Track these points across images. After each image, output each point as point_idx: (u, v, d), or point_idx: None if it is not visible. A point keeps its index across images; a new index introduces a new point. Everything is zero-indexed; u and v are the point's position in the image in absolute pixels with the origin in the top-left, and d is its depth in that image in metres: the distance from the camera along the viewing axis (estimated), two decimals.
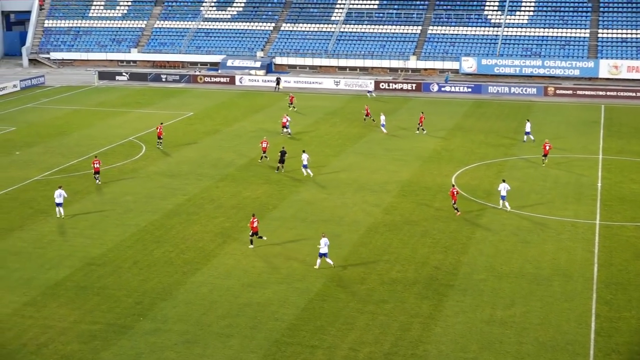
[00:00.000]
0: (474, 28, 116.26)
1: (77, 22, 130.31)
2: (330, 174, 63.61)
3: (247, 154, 69.71)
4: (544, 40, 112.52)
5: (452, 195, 53.83)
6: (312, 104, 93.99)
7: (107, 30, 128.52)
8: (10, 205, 56.44)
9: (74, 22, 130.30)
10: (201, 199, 57.68)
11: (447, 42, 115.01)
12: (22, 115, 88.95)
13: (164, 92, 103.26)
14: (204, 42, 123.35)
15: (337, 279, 43.20)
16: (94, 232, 51.01)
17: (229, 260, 46.03)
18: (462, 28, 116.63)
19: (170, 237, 49.97)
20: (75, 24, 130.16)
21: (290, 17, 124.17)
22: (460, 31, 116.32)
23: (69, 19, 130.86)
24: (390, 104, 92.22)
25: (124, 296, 41.41)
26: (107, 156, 69.64)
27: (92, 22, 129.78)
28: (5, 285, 42.88)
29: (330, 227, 51.27)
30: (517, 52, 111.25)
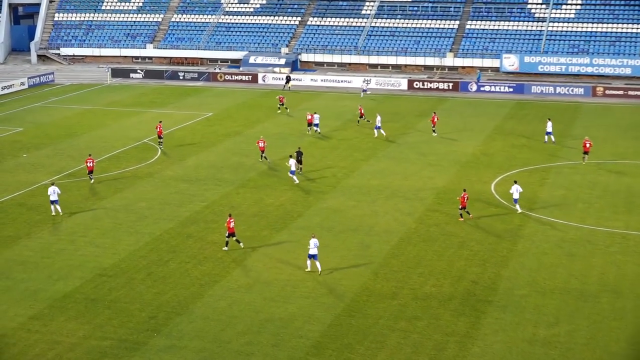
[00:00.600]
0: (517, 23, 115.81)
1: (89, 15, 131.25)
2: (360, 180, 63.57)
3: (270, 157, 69.73)
4: (592, 36, 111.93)
5: (462, 200, 54.16)
6: (340, 104, 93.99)
7: (121, 25, 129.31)
8: (17, 211, 56.86)
9: (86, 16, 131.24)
10: (220, 206, 57.83)
11: (486, 38, 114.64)
12: (29, 115, 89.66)
13: (181, 91, 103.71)
14: (225, 37, 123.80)
15: (366, 294, 43.14)
16: (105, 240, 51.28)
17: (250, 272, 46.09)
18: (504, 23, 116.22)
19: (187, 247, 50.13)
20: (87, 17, 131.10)
21: (317, 11, 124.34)
22: (501, 26, 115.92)
23: (80, 12, 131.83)
24: (425, 105, 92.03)
25: (137, 310, 41.57)
26: (120, 159, 70.04)
27: (105, 16, 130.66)
28: (11, 298, 43.19)
29: (359, 237, 51.25)
30: (563, 49, 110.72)
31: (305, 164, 67.13)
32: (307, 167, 66.50)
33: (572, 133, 78.21)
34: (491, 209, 56.44)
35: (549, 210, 56.10)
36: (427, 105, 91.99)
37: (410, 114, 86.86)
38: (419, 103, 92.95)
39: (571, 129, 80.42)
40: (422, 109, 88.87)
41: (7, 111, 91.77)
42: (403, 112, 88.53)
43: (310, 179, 63.83)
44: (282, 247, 49.63)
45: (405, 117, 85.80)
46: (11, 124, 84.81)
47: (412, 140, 76.01)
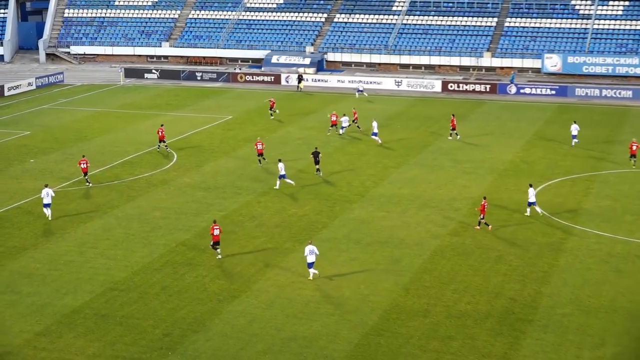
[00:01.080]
0: (559, 20, 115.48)
1: (101, 11, 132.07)
2: (390, 189, 63.50)
3: (293, 164, 69.82)
4: None
5: (482, 209, 54.34)
6: (369, 107, 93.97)
7: (135, 21, 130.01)
8: (23, 220, 57.15)
9: (98, 12, 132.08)
10: (240, 215, 57.93)
11: (527, 37, 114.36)
12: (37, 117, 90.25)
13: (198, 93, 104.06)
14: (246, 35, 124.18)
15: (396, 311, 43.05)
16: (117, 252, 51.47)
17: (272, 288, 46.12)
18: (545, 20, 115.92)
19: (204, 259, 50.22)
20: (99, 13, 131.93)
21: (345, 7, 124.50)
22: (542, 24, 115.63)
23: (92, 8, 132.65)
24: (460, 108, 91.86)
25: (151, 327, 41.67)
26: (134, 165, 70.34)
27: (118, 12, 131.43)
28: (16, 312, 43.41)
29: (389, 250, 51.18)
30: (609, 49, 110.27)
31: (331, 171, 67.17)
32: (333, 175, 66.54)
33: (619, 139, 77.80)
34: (531, 220, 56.18)
35: (594, 222, 55.81)
36: (462, 109, 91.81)
37: (444, 118, 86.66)
38: (453, 106, 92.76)
39: (618, 134, 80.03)
40: (457, 112, 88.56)
41: (14, 113, 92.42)
42: (436, 116, 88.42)
43: (336, 186, 63.81)
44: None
45: (438, 121, 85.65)
46: (18, 127, 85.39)
47: (446, 147, 75.87)
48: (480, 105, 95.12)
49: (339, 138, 78.52)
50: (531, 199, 56.86)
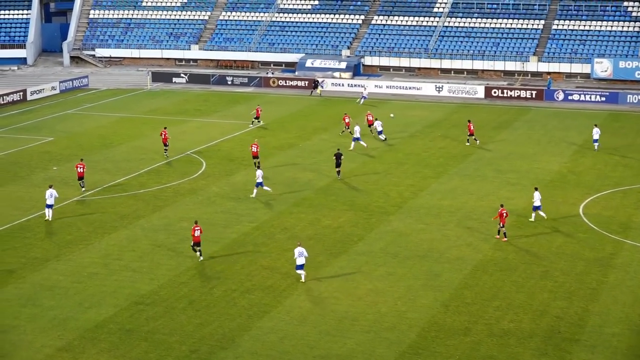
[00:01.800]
0: (610, 23, 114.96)
1: (128, 12, 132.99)
2: (429, 200, 63.46)
3: (328, 173, 69.99)
4: None
5: (500, 216, 55.08)
6: (408, 113, 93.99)
7: (163, 23, 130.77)
8: (45, 230, 57.62)
9: (124, 13, 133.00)
10: (271, 227, 58.11)
11: (576, 40, 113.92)
12: (61, 123, 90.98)
13: (229, 98, 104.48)
14: (279, 37, 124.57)
15: (435, 329, 43.02)
16: (143, 264, 51.80)
17: (304, 303, 46.23)
18: (595, 23, 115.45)
19: (233, 272, 50.43)
20: (125, 14, 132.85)
21: (383, 9, 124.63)
22: (592, 26, 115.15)
23: (118, 9, 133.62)
24: (505, 115, 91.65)
25: (177, 343, 41.89)
26: (161, 173, 70.77)
27: (146, 13, 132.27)
28: (38, 327, 43.79)
29: (428, 264, 51.16)
30: None
31: (367, 181, 67.27)
32: (369, 185, 66.63)
33: None
34: (579, 234, 55.99)
35: None
36: (507, 116, 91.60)
37: (487, 126, 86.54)
38: (497, 113, 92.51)
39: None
40: (501, 120, 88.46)
41: (37, 119, 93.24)
42: (479, 123, 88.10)
43: (372, 197, 63.84)
44: (340, 275, 49.68)
45: (481, 129, 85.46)
46: (41, 133, 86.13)
47: (489, 156, 75.72)
48: (526, 113, 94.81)
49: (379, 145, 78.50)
50: (536, 203, 58.22)
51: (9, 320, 44.36)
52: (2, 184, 68.02)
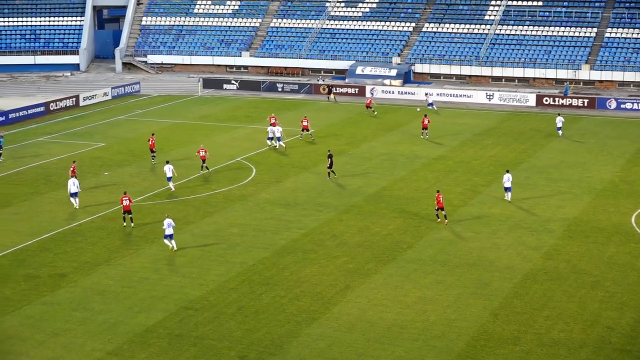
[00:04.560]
0: None
1: (180, 19, 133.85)
2: (479, 208, 63.20)
3: (377, 181, 69.95)
4: None
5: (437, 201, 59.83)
6: (458, 121, 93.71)
7: (215, 30, 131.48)
8: (96, 235, 58.11)
9: (176, 20, 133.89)
10: (320, 234, 58.16)
11: (629, 48, 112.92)
12: (112, 129, 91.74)
13: (279, 105, 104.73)
14: (329, 45, 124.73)
15: (484, 337, 42.82)
16: (192, 270, 52.06)
17: (353, 310, 46.21)
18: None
19: (282, 279, 50.54)
20: (177, 21, 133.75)
21: (434, 16, 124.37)
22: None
23: (170, 16, 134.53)
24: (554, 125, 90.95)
25: (226, 348, 42.05)
26: (210, 180, 71.11)
27: (198, 20, 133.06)
28: (88, 330, 44.17)
29: (477, 272, 50.94)
30: None
31: (417, 188, 67.24)
32: (419, 192, 66.57)
33: None
34: (631, 244, 55.47)
35: None
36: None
37: (538, 134, 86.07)
38: (548, 122, 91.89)
39: None
40: (552, 128, 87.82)
41: (89, 124, 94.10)
42: (530, 131, 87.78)
43: (421, 205, 63.69)
44: (389, 282, 49.64)
45: (532, 137, 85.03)
46: (93, 138, 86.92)
47: (540, 164, 75.26)
48: (578, 121, 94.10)
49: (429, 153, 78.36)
50: (507, 184, 64.33)
51: (60, 324, 44.81)
52: (54, 189, 68.71)
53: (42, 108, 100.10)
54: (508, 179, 64.31)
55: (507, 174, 64.71)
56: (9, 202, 65.81)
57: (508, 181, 64.29)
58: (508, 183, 64.29)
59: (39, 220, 61.45)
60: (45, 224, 60.51)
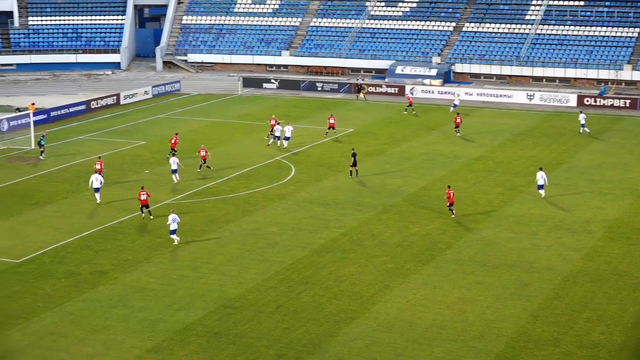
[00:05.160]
0: None
1: (220, 18, 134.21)
2: (519, 209, 62.93)
3: (417, 181, 69.85)
4: None
5: (448, 197, 60.60)
6: (498, 121, 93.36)
7: (255, 29, 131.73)
8: (136, 233, 58.41)
9: (217, 19, 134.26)
10: (359, 233, 58.15)
11: None
12: (152, 127, 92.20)
13: (319, 104, 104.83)
14: (369, 44, 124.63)
15: (524, 339, 42.63)
16: (231, 268, 52.22)
17: (391, 310, 46.16)
18: None
19: (321, 278, 50.58)
20: (217, 20, 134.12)
21: (474, 16, 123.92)
22: None
23: (210, 15, 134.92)
24: (597, 125, 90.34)
25: (264, 347, 42.14)
26: (250, 178, 71.28)
27: (238, 19, 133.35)
28: (127, 327, 44.43)
29: (517, 273, 50.72)
30: None
31: (457, 189, 66.91)
32: (458, 192, 66.17)
33: None
34: None
35: None
36: (599, 125, 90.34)
37: (579, 135, 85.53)
38: (589, 122, 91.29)
39: None
40: (593, 129, 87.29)
41: (129, 122, 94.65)
42: (570, 132, 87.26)
43: (461, 205, 63.46)
44: (427, 282, 49.54)
45: (572, 138, 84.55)
46: (133, 136, 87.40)
47: (581, 165, 74.82)
48: (619, 122, 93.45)
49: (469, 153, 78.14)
50: (540, 182, 64.87)
51: (100, 321, 45.11)
52: None
53: (84, 106, 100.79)
54: (542, 177, 64.91)
55: (540, 172, 65.27)
56: (51, 199, 66.34)
57: (542, 179, 64.88)
58: (541, 180, 64.88)
59: (80, 218, 61.91)
60: (85, 222, 60.95)
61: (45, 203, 65.17)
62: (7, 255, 54.62)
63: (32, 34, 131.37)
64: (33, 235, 58.43)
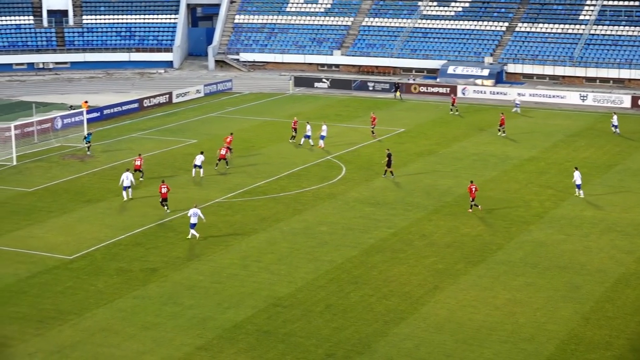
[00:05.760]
0: None
1: (272, 18, 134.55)
2: (571, 210, 62.47)
3: (467, 182, 69.49)
4: None
5: (470, 191, 61.81)
6: (550, 122, 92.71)
7: (307, 28, 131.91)
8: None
9: (269, 18, 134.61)
10: (409, 233, 58.03)
11: None
12: (204, 125, 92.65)
13: (370, 104, 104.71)
14: (421, 44, 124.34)
15: (575, 342, 42.30)
16: (281, 267, 52.33)
17: (441, 311, 46.02)
18: None
19: (370, 278, 50.53)
20: (270, 20, 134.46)
21: (527, 16, 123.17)
22: None
23: (263, 14, 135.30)
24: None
25: (313, 346, 42.19)
26: (300, 178, 71.38)
27: (290, 18, 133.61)
28: (178, 325, 44.67)
29: (568, 276, 50.35)
30: None
31: (508, 189, 66.64)
32: (509, 193, 66.06)
33: None
34: None
35: None
36: None
37: (633, 136, 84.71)
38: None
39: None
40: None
41: (181, 121, 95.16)
42: (625, 133, 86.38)
43: (512, 206, 63.16)
44: (478, 284, 49.32)
45: (626, 139, 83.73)
46: (185, 135, 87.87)
47: (635, 167, 74.09)
48: None
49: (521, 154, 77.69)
50: (577, 182, 65.13)
51: (150, 318, 45.41)
52: (146, 184, 69.55)
53: (136, 104, 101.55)
54: (578, 177, 65.21)
55: (576, 172, 65.56)
56: (103, 196, 66.87)
57: (579, 178, 65.21)
58: (579, 180, 65.17)
59: (131, 215, 62.36)
60: (137, 219, 61.37)
61: (98, 200, 65.72)
62: (60, 251, 55.18)
63: (86, 33, 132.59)
64: (85, 232, 58.99)
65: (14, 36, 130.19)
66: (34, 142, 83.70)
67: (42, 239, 57.68)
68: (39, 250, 55.49)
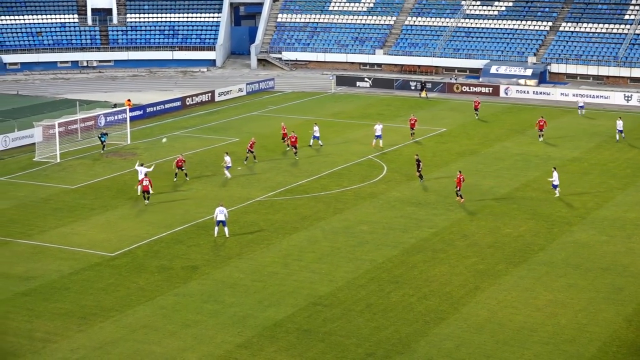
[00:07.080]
0: None
1: (315, 17, 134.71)
2: (614, 212, 62.00)
3: (509, 182, 69.30)
4: None
5: (458, 182, 63.12)
6: (594, 122, 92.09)
7: (349, 27, 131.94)
8: (230, 228, 58.83)
9: (311, 17, 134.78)
10: (451, 233, 57.88)
11: None
12: (246, 124, 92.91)
13: (412, 103, 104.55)
14: (464, 43, 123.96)
15: (617, 344, 42.00)
16: (322, 266, 52.38)
17: (482, 311, 45.86)
18: None
19: (411, 277, 50.46)
20: (312, 19, 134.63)
21: (572, 15, 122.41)
22: None
23: (305, 13, 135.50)
24: None
25: (353, 345, 42.19)
26: (342, 177, 71.39)
27: (332, 17, 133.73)
28: (219, 322, 44.85)
29: (611, 277, 49.99)
30: None
31: (551, 191, 66.23)
32: (552, 194, 65.65)
33: None
34: None
35: None
36: None
37: None
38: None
39: None
40: None
41: (224, 119, 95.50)
42: None
43: (555, 206, 62.84)
44: (519, 284, 49.09)
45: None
46: (227, 133, 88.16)
47: None
48: None
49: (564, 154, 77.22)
50: (555, 182, 65.22)
51: (192, 315, 45.63)
52: (189, 183, 69.89)
53: (179, 103, 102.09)
54: (556, 177, 65.39)
55: (555, 172, 65.75)
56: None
57: (557, 179, 65.35)
58: (557, 180, 65.33)
59: (173, 213, 62.66)
60: (178, 217, 61.67)
61: (139, 198, 66.06)
62: (102, 248, 55.59)
63: (129, 31, 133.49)
64: (127, 229, 59.38)
65: (58, 34, 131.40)
66: (77, 139, 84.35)
67: (84, 235, 58.16)
68: (81, 247, 55.96)
